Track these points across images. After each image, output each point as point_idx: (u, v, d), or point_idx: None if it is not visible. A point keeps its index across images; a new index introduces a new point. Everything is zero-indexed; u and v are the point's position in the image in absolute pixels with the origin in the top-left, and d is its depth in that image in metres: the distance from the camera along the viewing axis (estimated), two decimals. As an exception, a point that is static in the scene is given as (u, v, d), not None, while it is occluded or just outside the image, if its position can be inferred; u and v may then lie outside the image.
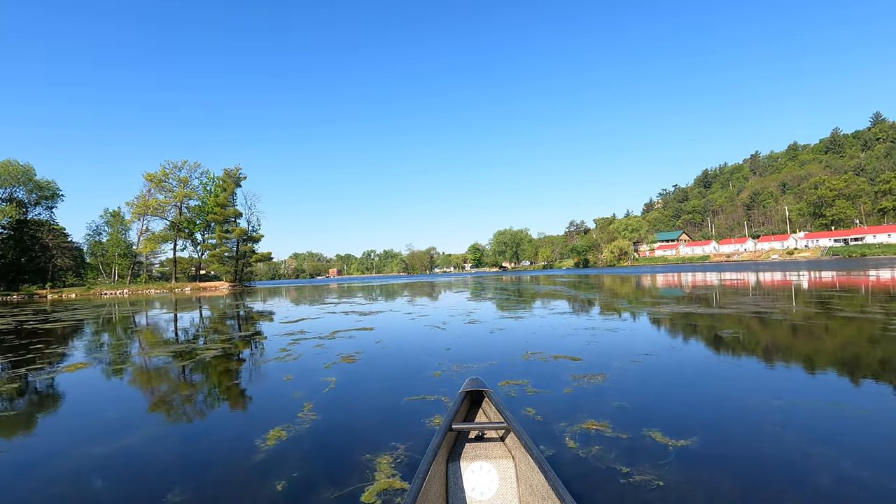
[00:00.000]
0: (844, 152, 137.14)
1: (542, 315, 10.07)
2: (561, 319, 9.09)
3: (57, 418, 3.93)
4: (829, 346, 5.61)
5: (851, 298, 11.08)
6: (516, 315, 10.33)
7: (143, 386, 5.07)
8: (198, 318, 14.27)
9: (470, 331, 8.01)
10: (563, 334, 7.11)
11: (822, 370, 4.39)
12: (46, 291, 60.15)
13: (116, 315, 16.49)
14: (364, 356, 5.95)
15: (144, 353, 7.23)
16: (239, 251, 70.81)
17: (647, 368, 4.69)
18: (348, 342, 7.22)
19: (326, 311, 13.87)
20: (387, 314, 12.05)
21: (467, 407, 2.54)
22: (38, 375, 5.62)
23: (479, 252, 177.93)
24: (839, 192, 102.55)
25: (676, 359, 5.09)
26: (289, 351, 6.65)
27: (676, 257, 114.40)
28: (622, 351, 5.63)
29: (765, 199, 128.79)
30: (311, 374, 4.98)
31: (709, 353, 5.33)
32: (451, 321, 9.57)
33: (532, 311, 11.23)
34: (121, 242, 74.52)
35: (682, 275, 32.95)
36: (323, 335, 8.18)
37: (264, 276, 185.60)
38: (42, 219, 68.66)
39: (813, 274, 25.01)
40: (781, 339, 6.18)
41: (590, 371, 4.61)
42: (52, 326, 12.44)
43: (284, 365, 5.61)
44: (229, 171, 71.16)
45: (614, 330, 7.35)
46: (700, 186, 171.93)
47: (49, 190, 67.08)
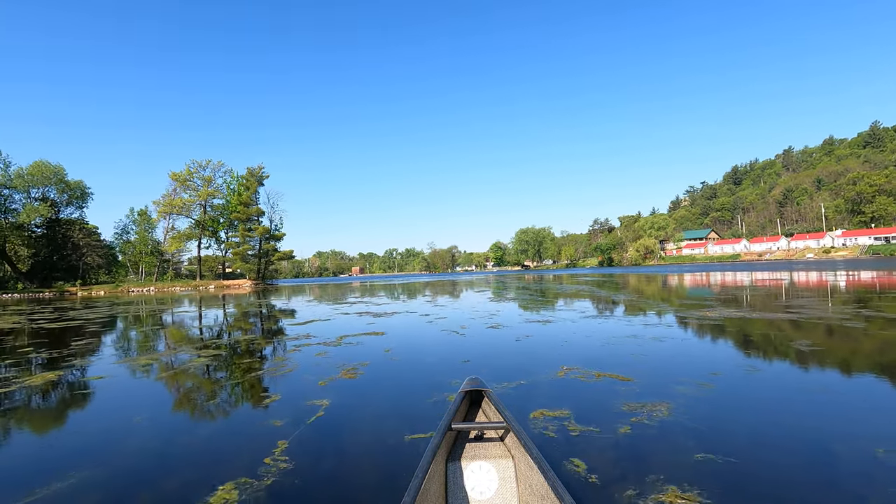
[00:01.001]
0: (885, 146, 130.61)
1: (572, 319, 9.05)
2: (595, 325, 8.07)
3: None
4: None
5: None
6: (543, 318, 9.33)
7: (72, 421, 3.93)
8: (209, 318, 13.70)
9: (492, 337, 7.07)
10: (602, 343, 6.12)
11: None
12: (77, 288, 61.53)
13: (131, 313, 16.11)
14: (368, 370, 5.07)
15: (129, 361, 6.52)
16: (261, 249, 71.35)
17: (725, 396, 3.66)
18: (354, 350, 6.38)
19: (340, 312, 13.11)
20: (402, 316, 11.21)
21: (467, 406, 2.53)
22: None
23: (501, 251, 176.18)
24: (879, 187, 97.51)
25: (760, 383, 4.01)
26: (286, 360, 5.83)
27: (705, 256, 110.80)
28: (681, 368, 4.62)
29: (798, 196, 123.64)
30: (301, 395, 4.12)
31: (801, 375, 4.24)
32: (471, 325, 8.65)
33: (560, 313, 10.22)
34: (147, 241, 75.89)
35: (714, 274, 31.17)
36: (329, 341, 7.36)
37: (288, 273, 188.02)
38: (73, 218, 70.33)
39: (859, 273, 23.14)
40: (879, 354, 5.07)
41: (647, 398, 3.62)
42: (59, 326, 12.00)
43: (275, 380, 4.79)
44: (252, 169, 71.71)
45: (661, 339, 6.30)
46: (730, 183, 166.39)
47: (79, 189, 68.60)
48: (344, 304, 16.99)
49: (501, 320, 9.28)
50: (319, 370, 5.12)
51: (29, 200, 63.68)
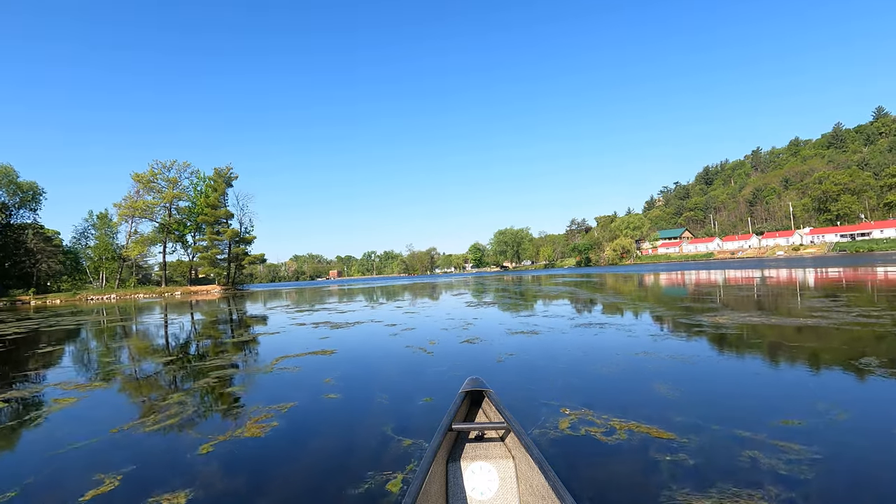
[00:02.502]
0: (847, 147, 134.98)
1: (562, 329, 7.67)
2: (591, 336, 6.71)
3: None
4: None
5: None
6: (528, 328, 7.94)
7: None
8: (122, 334, 11.88)
9: (467, 357, 5.60)
10: (608, 365, 4.74)
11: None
12: (30, 297, 57.77)
13: (51, 328, 14.09)
14: (288, 419, 3.54)
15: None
16: (231, 253, 68.43)
17: (856, 470, 2.31)
18: (285, 381, 4.83)
19: (296, 322, 11.47)
20: (365, 327, 9.66)
21: (467, 407, 2.51)
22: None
23: (480, 252, 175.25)
24: (844, 186, 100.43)
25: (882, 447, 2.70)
26: (182, 404, 4.22)
27: (680, 255, 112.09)
28: (738, 406, 3.25)
29: (767, 196, 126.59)
30: (155, 480, 2.59)
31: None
32: (442, 339, 7.18)
33: (546, 321, 8.86)
34: (108, 245, 71.84)
35: (695, 273, 30.45)
36: (259, 366, 5.77)
37: (264, 278, 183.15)
38: (26, 222, 66.14)
39: (844, 270, 22.58)
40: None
41: (715, 477, 2.24)
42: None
43: (134, 442, 3.24)
44: (220, 170, 68.80)
45: (684, 358, 4.94)
46: (701, 183, 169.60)
47: (30, 191, 64.49)
48: (306, 311, 15.32)
49: (479, 331, 7.84)
50: (215, 421, 3.57)
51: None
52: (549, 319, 9.08)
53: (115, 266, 70.40)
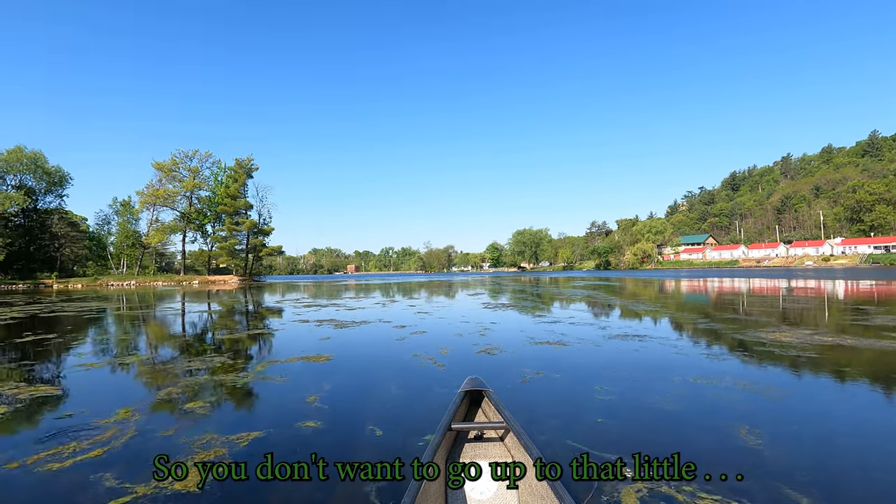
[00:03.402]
0: (883, 155, 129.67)
1: (594, 340, 6.64)
2: (633, 352, 5.68)
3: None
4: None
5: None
6: (555, 337, 6.95)
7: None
8: (116, 323, 11.23)
9: (484, 372, 4.57)
10: (667, 395, 3.70)
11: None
12: (52, 281, 58.69)
13: (54, 313, 13.58)
14: (252, 454, 2.65)
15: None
16: (249, 244, 68.61)
17: None
18: (260, 397, 3.94)
19: (299, 319, 10.66)
20: (372, 327, 8.77)
21: (467, 407, 2.49)
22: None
23: (498, 251, 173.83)
24: (879, 196, 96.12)
25: None
26: (142, 426, 3.40)
27: (703, 261, 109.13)
28: (880, 479, 2.29)
29: (797, 203, 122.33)
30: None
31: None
32: (455, 348, 6.24)
33: (574, 329, 7.86)
34: (130, 233, 72.70)
35: (720, 281, 28.85)
36: (239, 374, 4.89)
37: (283, 270, 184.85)
38: (51, 207, 67.29)
39: (878, 283, 20.89)
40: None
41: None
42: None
43: (45, 480, 2.39)
44: (241, 161, 69.00)
45: (762, 390, 3.85)
46: (727, 189, 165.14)
47: (57, 175, 65.50)
48: (314, 306, 14.54)
49: (498, 340, 6.87)
50: (129, 467, 2.71)
51: (4, 188, 60.70)
52: (577, 328, 8.05)
53: (136, 253, 71.18)
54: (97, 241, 76.27)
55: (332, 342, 6.94)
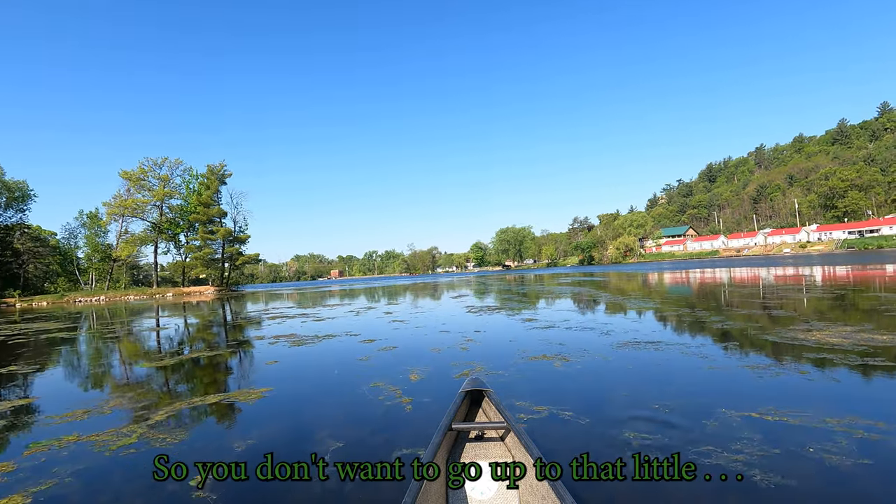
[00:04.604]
0: (852, 143, 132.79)
1: (602, 352, 5.51)
2: (654, 367, 4.59)
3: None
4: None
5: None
6: (553, 348, 5.84)
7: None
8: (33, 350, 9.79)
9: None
10: (723, 440, 2.63)
11: None
12: (15, 299, 55.64)
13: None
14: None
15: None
16: (225, 253, 66.31)
17: None
18: (134, 468, 2.76)
19: (254, 335, 9.33)
20: (334, 342, 7.51)
21: (467, 407, 2.46)
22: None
23: (482, 251, 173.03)
24: (851, 182, 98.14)
25: None
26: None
27: (684, 253, 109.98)
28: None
29: (772, 193, 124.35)
30: None
31: None
32: (431, 367, 5.05)
33: (573, 334, 6.77)
34: (97, 246, 69.59)
35: (703, 272, 28.24)
36: (145, 420, 3.67)
37: (265, 278, 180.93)
38: (13, 223, 63.97)
39: (858, 267, 20.44)
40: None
41: None
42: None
43: None
44: (213, 167, 66.71)
45: (852, 426, 2.87)
46: (705, 181, 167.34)
47: (19, 191, 62.30)
48: (280, 317, 13.20)
49: (483, 355, 5.70)
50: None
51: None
52: (575, 334, 6.95)
53: (106, 267, 68.19)
54: (65, 255, 72.82)
55: (277, 368, 5.70)
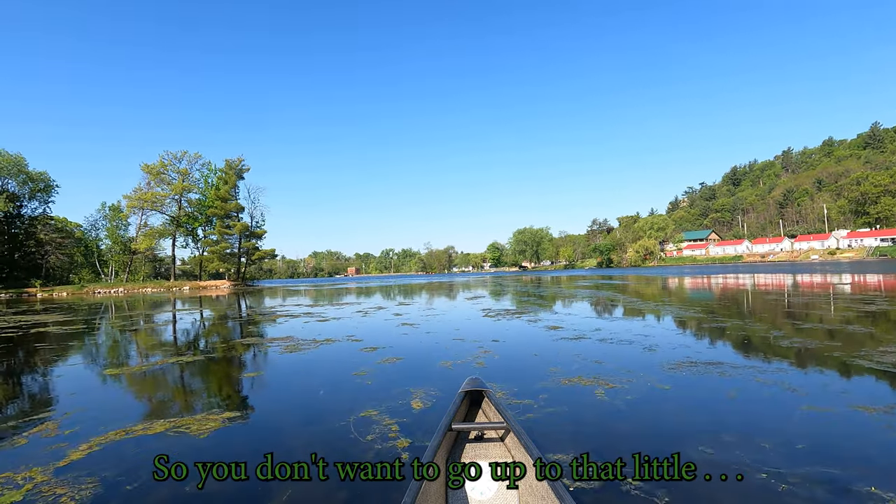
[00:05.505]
0: (885, 147, 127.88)
1: (651, 373, 4.52)
2: (729, 400, 3.61)
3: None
4: None
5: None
6: (588, 366, 4.91)
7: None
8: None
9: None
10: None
11: None
12: (37, 290, 56.51)
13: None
14: None
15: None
16: (241, 248, 66.47)
17: None
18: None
19: (251, 336, 8.60)
20: (332, 349, 6.64)
21: (467, 407, 2.44)
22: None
23: (499, 251, 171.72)
24: (885, 187, 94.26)
25: None
26: None
27: (706, 257, 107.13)
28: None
29: (799, 197, 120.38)
30: None
31: None
32: (439, 390, 4.12)
33: (609, 347, 5.82)
34: (118, 238, 70.48)
35: (725, 277, 26.76)
36: (58, 454, 2.88)
37: (283, 274, 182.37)
38: (37, 214, 65.08)
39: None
40: None
41: None
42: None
43: None
44: (231, 162, 66.93)
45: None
46: (728, 184, 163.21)
47: (42, 182, 63.30)
48: (284, 315, 12.48)
49: (503, 373, 4.76)
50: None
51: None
52: (612, 347, 5.97)
53: (125, 259, 69.04)
54: (88, 247, 73.94)
55: (255, 384, 4.85)
